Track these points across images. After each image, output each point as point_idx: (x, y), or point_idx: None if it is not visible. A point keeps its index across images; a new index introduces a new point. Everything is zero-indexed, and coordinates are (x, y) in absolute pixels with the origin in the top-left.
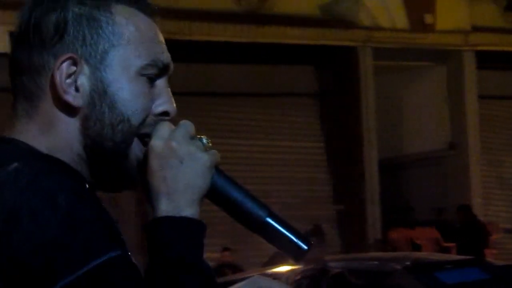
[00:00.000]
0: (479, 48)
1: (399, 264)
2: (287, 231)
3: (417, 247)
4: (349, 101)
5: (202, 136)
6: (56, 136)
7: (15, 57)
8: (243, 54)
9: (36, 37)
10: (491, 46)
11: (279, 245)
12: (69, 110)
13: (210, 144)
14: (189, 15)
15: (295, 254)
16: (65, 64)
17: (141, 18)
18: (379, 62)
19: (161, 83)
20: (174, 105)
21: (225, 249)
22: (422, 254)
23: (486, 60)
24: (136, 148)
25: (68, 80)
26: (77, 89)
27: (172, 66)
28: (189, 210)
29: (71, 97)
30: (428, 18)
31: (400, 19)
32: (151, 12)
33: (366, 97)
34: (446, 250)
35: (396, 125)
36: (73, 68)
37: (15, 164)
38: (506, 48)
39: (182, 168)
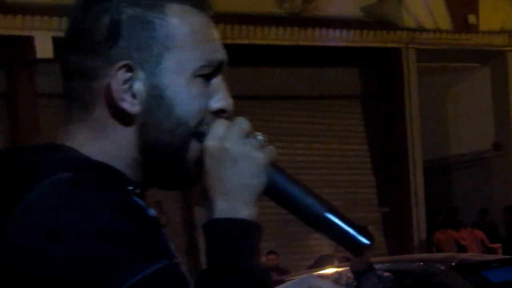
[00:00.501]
0: None
1: (444, 265)
2: (348, 226)
3: (462, 248)
4: (393, 103)
5: (257, 133)
6: (111, 142)
7: (66, 62)
8: (286, 57)
9: (89, 41)
10: None
11: (340, 240)
12: (125, 117)
13: (266, 141)
14: (232, 18)
15: (356, 249)
16: (120, 71)
17: (195, 16)
18: (422, 64)
19: (217, 80)
20: (231, 101)
21: (271, 252)
22: (468, 255)
23: None
24: (193, 147)
25: (124, 87)
26: (133, 96)
27: (226, 60)
28: (245, 211)
29: (128, 104)
30: (471, 19)
31: (443, 20)
32: (206, 7)
33: (410, 98)
34: (491, 251)
35: (441, 127)
36: (129, 74)
37: (61, 175)
38: None
39: (236, 169)
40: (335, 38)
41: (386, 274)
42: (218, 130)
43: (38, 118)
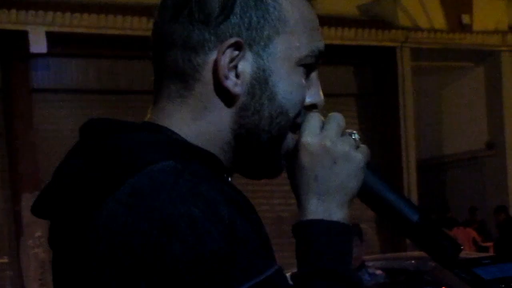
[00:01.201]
0: None
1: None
2: (438, 236)
3: (458, 249)
4: (388, 102)
5: (353, 131)
6: (209, 123)
7: (166, 31)
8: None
9: (199, 13)
10: None
11: (428, 249)
12: (227, 97)
13: (361, 140)
14: None
15: (443, 260)
16: (229, 48)
17: (304, 4)
18: (417, 63)
19: (314, 73)
20: (323, 97)
21: None
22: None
23: None
24: (289, 139)
25: (230, 65)
26: (237, 75)
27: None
28: (340, 213)
29: (232, 84)
30: (465, 19)
31: (438, 20)
32: None
33: (404, 97)
34: (484, 250)
35: (434, 126)
36: (236, 53)
37: (171, 163)
38: None
39: (335, 169)
40: (330, 36)
41: (378, 271)
42: (315, 125)
43: (33, 113)
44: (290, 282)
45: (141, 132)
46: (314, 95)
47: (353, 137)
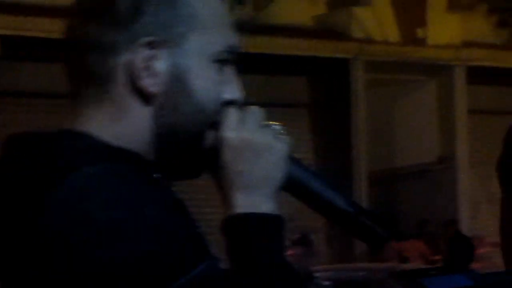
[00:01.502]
0: (470, 63)
1: (385, 274)
2: (368, 220)
3: (404, 260)
4: (341, 113)
5: (273, 123)
6: (128, 124)
7: (79, 34)
8: (235, 65)
9: (109, 15)
10: (482, 62)
11: (359, 234)
12: (144, 96)
13: (282, 131)
14: None
15: (375, 243)
16: (143, 48)
17: (215, 0)
18: (371, 75)
19: (230, 69)
20: (241, 92)
21: None
22: (409, 266)
23: (476, 75)
24: (209, 136)
25: (145, 65)
26: (153, 75)
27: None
28: (267, 205)
29: (148, 83)
30: (419, 32)
31: (392, 33)
32: None
33: (357, 109)
34: (433, 263)
35: (386, 138)
36: (150, 52)
37: (93, 168)
38: (496, 64)
39: (258, 161)
40: (284, 46)
41: (326, 282)
42: (234, 120)
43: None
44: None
45: (62, 141)
46: (232, 91)
47: (275, 127)
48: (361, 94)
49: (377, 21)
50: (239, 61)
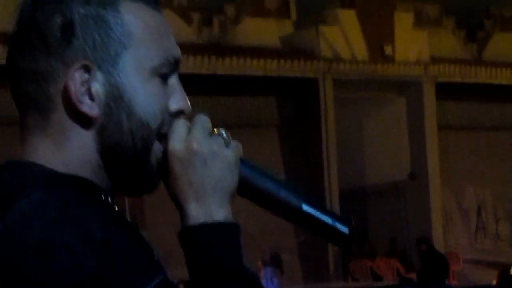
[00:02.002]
0: (438, 79)
1: None
2: (326, 216)
3: (378, 278)
4: (310, 132)
5: (220, 129)
6: (72, 149)
7: (15, 66)
8: (204, 86)
9: (40, 42)
10: (451, 77)
11: (319, 232)
12: (85, 120)
13: (230, 137)
14: None
15: (336, 240)
16: (78, 72)
17: (149, 13)
18: (339, 93)
19: (173, 79)
20: (188, 102)
21: None
22: (383, 283)
23: (445, 91)
24: (156, 150)
25: (82, 89)
26: (91, 98)
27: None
28: (221, 213)
29: (87, 107)
30: (387, 50)
31: (360, 51)
32: (156, 4)
33: (326, 127)
34: (407, 280)
35: (357, 156)
36: (86, 75)
37: (38, 194)
38: (465, 80)
39: (207, 169)
40: (252, 67)
41: None
42: (180, 131)
43: None
44: None
45: (6, 172)
46: (179, 101)
47: (222, 135)
48: (330, 113)
49: (344, 40)
50: (203, 82)
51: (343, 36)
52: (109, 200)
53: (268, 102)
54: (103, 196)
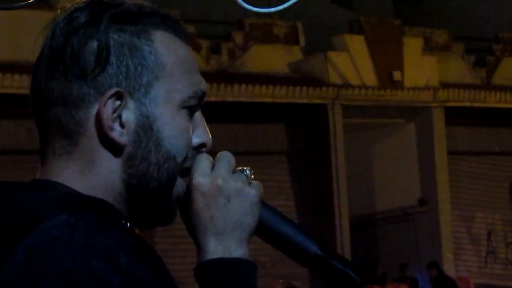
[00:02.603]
0: (447, 104)
1: None
2: (340, 264)
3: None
4: (320, 159)
5: (244, 168)
6: (98, 175)
7: (44, 89)
8: (213, 113)
9: (74, 67)
10: (460, 102)
11: (331, 277)
12: (114, 147)
13: (253, 176)
14: None
15: (347, 286)
16: (111, 99)
17: (180, 45)
18: (348, 120)
19: (198, 113)
20: (210, 136)
21: None
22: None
23: (455, 116)
24: (179, 183)
25: (114, 115)
26: (121, 125)
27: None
28: (239, 251)
29: (117, 135)
30: (396, 75)
31: (369, 77)
32: (186, 36)
33: (336, 154)
34: None
35: (367, 183)
36: (118, 103)
37: (65, 216)
38: (474, 104)
39: (230, 207)
40: (261, 93)
41: None
42: (205, 166)
43: None
44: None
45: (33, 191)
46: (201, 134)
47: (245, 173)
48: (339, 139)
49: (353, 65)
50: (212, 109)
51: (352, 62)
52: (129, 226)
53: (277, 128)
54: (124, 221)
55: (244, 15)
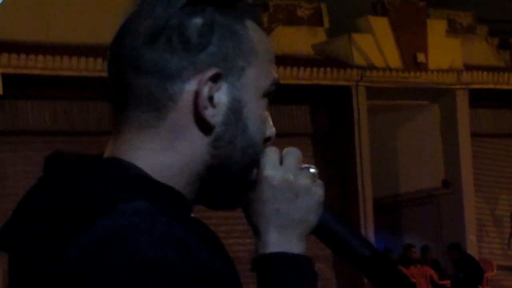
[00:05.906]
0: (471, 86)
1: None
2: (392, 270)
3: (412, 286)
4: (344, 141)
5: (310, 166)
6: (180, 153)
7: (138, 54)
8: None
9: (178, 40)
10: (484, 85)
11: (383, 284)
12: (204, 127)
13: (317, 174)
14: None
15: None
16: (208, 78)
17: (265, 35)
18: (372, 102)
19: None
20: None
21: None
22: None
23: (478, 98)
24: (254, 172)
25: (209, 95)
26: (213, 106)
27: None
28: (300, 246)
29: (210, 115)
30: (420, 57)
31: (393, 59)
32: (263, 27)
33: (360, 136)
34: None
35: (390, 164)
36: (213, 83)
37: (146, 204)
38: (498, 86)
39: (297, 202)
40: (286, 75)
41: None
42: (275, 159)
43: None
44: None
45: (106, 168)
46: (271, 127)
47: (311, 171)
48: (363, 121)
49: (377, 47)
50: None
51: (376, 44)
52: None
53: (301, 110)
54: (189, 210)
55: None
